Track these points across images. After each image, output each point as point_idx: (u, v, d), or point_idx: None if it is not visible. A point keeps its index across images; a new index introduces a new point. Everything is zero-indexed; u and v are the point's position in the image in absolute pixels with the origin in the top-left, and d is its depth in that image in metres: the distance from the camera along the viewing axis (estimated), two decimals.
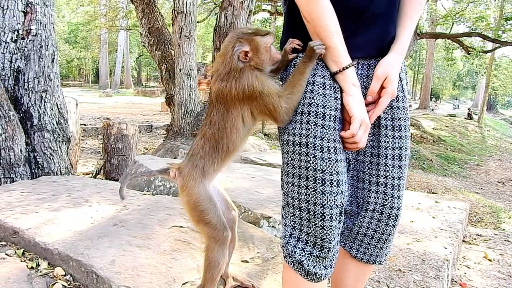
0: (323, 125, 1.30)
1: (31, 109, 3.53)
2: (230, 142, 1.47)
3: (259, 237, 2.53)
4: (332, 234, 1.34)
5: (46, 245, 2.15)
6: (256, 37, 1.38)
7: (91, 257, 2.02)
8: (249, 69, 1.36)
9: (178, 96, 6.47)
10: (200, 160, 1.54)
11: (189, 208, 1.63)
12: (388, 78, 1.34)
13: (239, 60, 1.36)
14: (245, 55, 1.36)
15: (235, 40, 1.38)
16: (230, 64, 1.37)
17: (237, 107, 1.39)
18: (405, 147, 1.45)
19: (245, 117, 1.41)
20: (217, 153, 1.51)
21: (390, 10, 1.38)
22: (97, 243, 2.15)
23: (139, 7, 7.44)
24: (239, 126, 1.43)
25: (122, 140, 5.25)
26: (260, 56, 1.37)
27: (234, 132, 1.44)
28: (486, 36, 17.80)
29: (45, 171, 3.52)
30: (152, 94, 29.59)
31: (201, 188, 1.59)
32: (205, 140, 1.51)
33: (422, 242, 3.24)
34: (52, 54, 3.68)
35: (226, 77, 1.37)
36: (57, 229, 2.30)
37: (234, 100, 1.38)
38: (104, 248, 2.11)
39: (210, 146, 1.50)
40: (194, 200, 1.60)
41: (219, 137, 1.46)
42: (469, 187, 10.45)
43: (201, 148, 1.53)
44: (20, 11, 3.47)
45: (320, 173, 1.30)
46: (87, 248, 2.10)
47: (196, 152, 1.55)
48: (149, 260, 2.07)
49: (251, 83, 1.34)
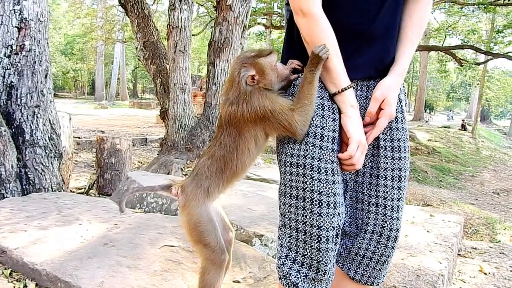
0: (320, 146, 1.30)
1: (23, 125, 3.51)
2: (240, 163, 1.45)
3: (251, 256, 2.50)
4: (328, 256, 1.33)
5: (34, 265, 2.12)
6: (260, 59, 1.37)
7: (80, 278, 1.99)
8: (258, 91, 1.35)
9: (172, 110, 6.46)
10: (205, 180, 1.52)
11: (188, 228, 1.60)
12: (386, 100, 1.34)
13: (247, 85, 1.36)
14: (252, 79, 1.35)
15: (239, 66, 1.37)
16: (238, 89, 1.37)
17: (250, 129, 1.38)
18: (405, 168, 1.43)
19: (258, 138, 1.40)
20: (224, 174, 1.49)
21: (390, 31, 1.38)
22: (86, 263, 2.12)
23: (135, 21, 7.47)
24: (252, 147, 1.42)
25: (116, 154, 5.22)
26: (267, 77, 1.37)
27: (246, 153, 1.43)
28: (478, 49, 17.98)
29: (36, 187, 3.49)
30: (148, 106, 29.57)
31: (203, 209, 1.56)
32: (213, 161, 1.48)
33: (417, 257, 3.22)
34: (45, 70, 3.67)
35: (236, 101, 1.36)
36: (46, 249, 2.27)
37: (247, 123, 1.37)
38: (94, 269, 2.08)
39: (218, 167, 1.48)
40: (194, 220, 1.57)
41: (228, 158, 1.45)
42: (464, 198, 10.45)
43: (208, 168, 1.50)
44: (14, 26, 3.47)
45: (317, 194, 1.29)
46: (76, 268, 2.07)
47: (201, 172, 1.52)
48: (138, 281, 2.04)
49: (262, 104, 1.33)
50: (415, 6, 1.42)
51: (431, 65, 38.42)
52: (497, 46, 17.56)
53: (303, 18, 1.29)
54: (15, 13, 3.47)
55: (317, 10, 1.28)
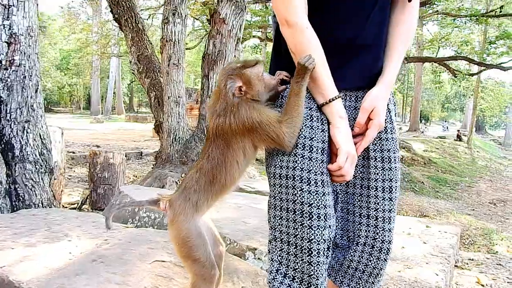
0: (310, 157, 1.29)
1: (13, 140, 3.47)
2: (229, 176, 1.43)
3: (244, 270, 2.45)
4: (319, 270, 1.30)
5: (20, 284, 2.06)
6: (246, 70, 1.35)
7: None
8: (245, 102, 1.34)
9: (166, 123, 6.45)
10: (193, 194, 1.49)
11: (177, 243, 1.56)
12: (375, 110, 1.33)
13: (235, 96, 1.34)
14: (239, 90, 1.33)
15: (226, 78, 1.35)
16: (226, 101, 1.35)
17: (238, 141, 1.36)
18: (395, 179, 1.42)
19: (246, 150, 1.38)
20: (213, 187, 1.46)
21: (378, 42, 1.38)
22: (74, 281, 2.07)
23: (129, 35, 7.48)
24: (240, 159, 1.40)
25: (109, 169, 5.18)
26: (254, 87, 1.35)
27: (235, 166, 1.41)
28: (471, 59, 18.19)
29: (26, 203, 3.44)
30: (144, 120, 29.56)
31: (191, 224, 1.53)
32: (201, 174, 1.46)
33: (413, 269, 3.19)
34: (35, 85, 3.64)
35: (223, 113, 1.35)
36: (32, 266, 2.21)
37: (235, 134, 1.35)
38: (81, 286, 2.02)
39: (207, 181, 1.45)
40: (183, 235, 1.53)
41: (217, 171, 1.42)
42: (461, 208, 10.41)
43: (196, 181, 1.47)
44: (3, 41, 3.46)
45: (307, 206, 1.27)
46: (62, 285, 2.01)
47: (189, 186, 1.49)
48: None
49: (249, 115, 1.31)
50: (401, 16, 1.42)
51: (426, 76, 38.78)
52: (490, 57, 17.76)
53: (289, 29, 1.29)
54: (5, 28, 3.46)
55: (303, 21, 1.27)
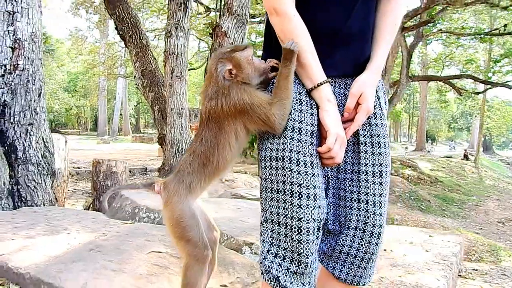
0: (299, 139, 1.32)
1: (16, 142, 3.55)
2: (222, 158, 1.46)
3: (240, 263, 2.47)
4: (309, 248, 1.31)
5: (18, 269, 2.10)
6: (235, 54, 1.40)
7: (63, 280, 1.97)
8: (236, 85, 1.38)
9: (169, 135, 6.51)
10: (187, 176, 1.52)
11: (170, 224, 1.59)
12: (363, 95, 1.36)
13: (225, 79, 1.38)
14: (229, 73, 1.37)
15: (216, 62, 1.40)
16: (217, 84, 1.39)
17: (230, 123, 1.40)
18: (386, 164, 1.44)
19: (238, 132, 1.41)
20: (206, 169, 1.49)
21: (365, 30, 1.43)
22: (71, 267, 2.10)
23: (133, 51, 7.64)
24: (233, 142, 1.43)
25: (111, 177, 5.23)
26: (244, 70, 1.39)
27: (227, 148, 1.44)
28: (476, 78, 18.16)
29: (28, 203, 3.48)
30: (150, 140, 29.65)
31: (185, 205, 1.56)
32: (195, 157, 1.49)
33: (414, 274, 3.15)
34: (39, 89, 3.74)
35: (215, 96, 1.38)
36: (31, 255, 2.25)
37: (227, 117, 1.38)
38: (78, 271, 2.06)
39: (200, 163, 1.49)
40: (177, 216, 1.56)
41: (210, 154, 1.45)
42: (469, 227, 10.27)
43: (189, 164, 1.51)
44: (8, 47, 3.57)
45: (296, 186, 1.30)
46: (59, 271, 2.05)
47: (183, 168, 1.53)
48: (123, 283, 2.02)
49: (240, 97, 1.35)
50: (387, 6, 1.47)
51: (431, 96, 38.72)
52: (496, 75, 17.75)
53: (277, 17, 1.34)
54: (9, 34, 3.58)
55: (290, 9, 1.33)
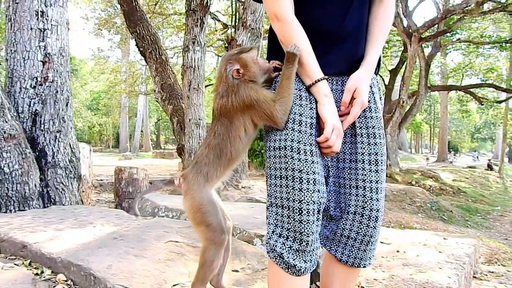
0: (299, 130, 1.48)
1: (46, 148, 3.84)
2: (234, 149, 1.62)
3: (251, 252, 2.64)
4: (310, 228, 1.46)
5: (50, 254, 2.33)
6: (242, 55, 1.59)
7: (90, 262, 2.18)
8: (244, 83, 1.56)
9: (188, 144, 6.76)
10: (204, 166, 1.68)
11: (191, 210, 1.72)
12: (357, 90, 1.52)
13: (234, 78, 1.57)
14: (237, 72, 1.56)
15: (225, 63, 1.59)
16: (227, 83, 1.58)
17: (239, 118, 1.57)
18: (381, 153, 1.60)
19: (246, 125, 1.58)
20: (220, 160, 1.65)
21: (359, 31, 1.60)
22: (97, 252, 2.32)
23: (153, 66, 7.99)
24: (242, 134, 1.60)
25: (133, 184, 5.48)
26: (250, 69, 1.57)
27: (238, 140, 1.60)
28: (497, 86, 17.92)
29: (57, 204, 3.75)
30: (170, 156, 30.03)
31: (204, 192, 1.70)
32: (210, 149, 1.65)
33: (426, 273, 3.17)
34: (66, 99, 4.05)
35: (225, 94, 1.57)
36: (61, 243, 2.48)
37: (236, 111, 1.56)
38: (103, 255, 2.27)
39: (215, 154, 1.65)
40: (197, 203, 1.70)
41: (223, 146, 1.62)
42: (493, 237, 10.08)
43: (206, 156, 1.67)
44: (39, 60, 3.90)
45: (297, 172, 1.46)
46: (87, 255, 2.26)
47: (200, 160, 1.69)
48: (144, 266, 2.22)
49: (248, 94, 1.53)
50: (379, 10, 1.65)
51: (452, 106, 38.17)
52: None
53: (278, 22, 1.53)
54: (40, 49, 3.91)
55: (289, 15, 1.51)
